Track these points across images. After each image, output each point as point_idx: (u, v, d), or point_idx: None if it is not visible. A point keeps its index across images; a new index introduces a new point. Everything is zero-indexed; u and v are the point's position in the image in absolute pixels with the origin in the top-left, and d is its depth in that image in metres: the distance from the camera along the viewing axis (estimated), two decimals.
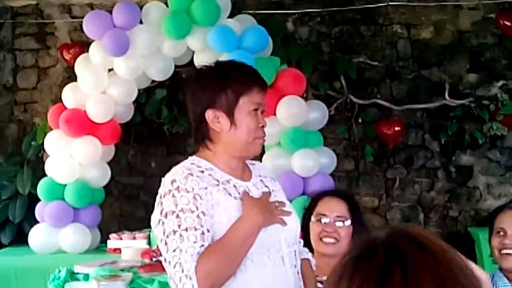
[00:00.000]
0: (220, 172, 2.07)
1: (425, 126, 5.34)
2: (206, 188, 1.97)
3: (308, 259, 2.26)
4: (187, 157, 2.12)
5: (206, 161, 2.08)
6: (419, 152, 5.36)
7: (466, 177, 5.33)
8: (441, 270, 0.88)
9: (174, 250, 1.89)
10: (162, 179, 2.02)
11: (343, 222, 2.60)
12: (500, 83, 5.06)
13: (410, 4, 5.30)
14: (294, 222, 2.14)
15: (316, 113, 4.71)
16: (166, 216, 1.93)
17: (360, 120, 5.27)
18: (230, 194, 2.02)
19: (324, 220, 2.60)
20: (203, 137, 2.10)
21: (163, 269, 3.59)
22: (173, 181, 1.96)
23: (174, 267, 1.89)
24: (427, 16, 5.36)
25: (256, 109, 2.07)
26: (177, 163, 2.07)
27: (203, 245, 1.89)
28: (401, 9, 5.34)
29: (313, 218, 2.63)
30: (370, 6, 5.26)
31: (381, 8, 5.29)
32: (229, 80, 2.06)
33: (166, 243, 1.92)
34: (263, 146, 2.23)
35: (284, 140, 4.50)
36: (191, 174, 1.98)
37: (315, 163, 4.51)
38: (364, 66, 5.30)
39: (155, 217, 1.98)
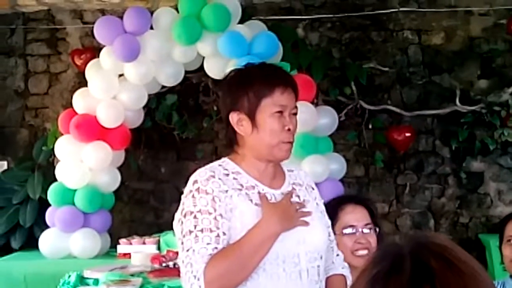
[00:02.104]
0: (247, 177, 2.05)
1: (436, 132, 5.33)
2: (226, 191, 1.97)
3: (343, 275, 2.17)
4: (216, 159, 2.12)
5: (235, 164, 2.07)
6: (429, 158, 5.34)
7: (476, 184, 5.30)
8: (469, 287, 0.88)
9: (187, 250, 1.90)
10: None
11: (371, 230, 2.47)
12: (511, 89, 5.04)
13: (421, 10, 5.30)
14: (318, 237, 2.05)
15: (326, 119, 4.71)
16: (185, 216, 1.96)
17: (370, 126, 5.26)
18: (251, 200, 1.99)
19: (354, 231, 2.44)
20: (231, 141, 2.09)
21: (173, 274, 3.60)
22: (195, 182, 1.99)
23: (186, 267, 1.90)
24: (438, 22, 5.35)
25: (280, 111, 2.02)
26: (187, 168, 2.08)
27: (216, 248, 1.89)
28: (411, 15, 5.34)
29: (339, 231, 2.43)
30: (381, 12, 5.26)
31: (391, 14, 5.29)
32: (251, 82, 2.03)
33: (182, 243, 1.94)
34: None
35: (294, 146, 4.49)
36: (213, 176, 1.98)
37: (325, 169, 4.51)
38: (375, 72, 5.29)
39: (177, 215, 2.00)
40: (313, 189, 2.19)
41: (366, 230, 2.46)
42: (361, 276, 0.93)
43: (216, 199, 1.94)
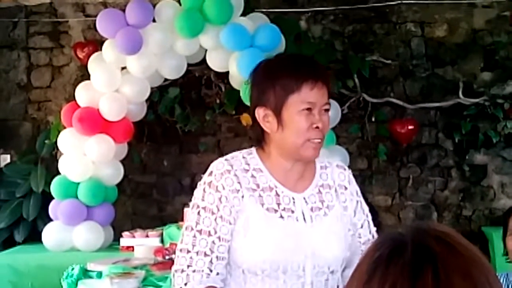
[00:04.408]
0: (267, 176, 1.95)
1: (439, 125, 5.32)
2: (238, 190, 1.91)
3: None
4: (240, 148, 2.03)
5: (260, 159, 1.97)
6: (432, 151, 5.33)
7: (480, 176, 5.30)
8: (470, 269, 0.88)
9: (185, 251, 1.91)
10: None
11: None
12: None
13: (424, 2, 5.28)
14: (331, 252, 1.94)
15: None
16: (192, 207, 1.95)
17: (373, 119, 5.25)
18: (262, 204, 1.91)
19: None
20: (258, 138, 1.99)
21: None
22: (210, 173, 1.95)
23: (177, 271, 1.92)
24: (441, 14, 5.33)
25: (308, 109, 1.90)
26: (190, 161, 2.06)
27: (211, 260, 1.89)
28: (414, 7, 5.32)
29: None
30: (384, 4, 5.24)
31: (394, 6, 5.28)
32: (278, 76, 1.91)
33: (182, 234, 1.95)
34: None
35: None
36: (229, 171, 1.92)
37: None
38: (377, 65, 5.28)
39: (192, 199, 1.99)
40: (346, 188, 2.04)
41: None
42: (363, 260, 0.93)
43: (223, 199, 1.90)
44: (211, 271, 1.89)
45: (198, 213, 1.92)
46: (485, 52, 5.26)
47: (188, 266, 1.90)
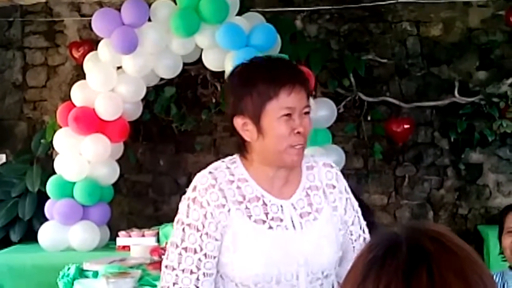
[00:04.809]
0: (253, 186, 1.90)
1: (435, 124, 5.32)
2: (224, 205, 1.86)
3: None
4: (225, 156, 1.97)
5: (244, 169, 1.92)
6: (428, 150, 5.34)
7: (475, 175, 5.31)
8: (464, 268, 0.88)
9: (171, 268, 1.88)
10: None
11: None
12: (510, 80, 5.03)
13: (419, 1, 5.28)
14: (325, 257, 1.91)
15: (325, 111, 4.70)
16: (177, 222, 1.92)
17: (369, 118, 5.25)
18: (249, 216, 1.87)
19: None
20: (239, 146, 1.93)
21: None
22: (194, 188, 1.90)
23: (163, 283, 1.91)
24: (436, 13, 5.34)
25: (288, 114, 1.84)
26: (186, 160, 2.04)
27: (198, 278, 1.86)
28: (410, 6, 5.32)
29: None
30: (379, 4, 5.24)
31: (390, 5, 5.28)
32: (255, 83, 1.84)
33: (167, 250, 1.92)
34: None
35: None
36: (214, 186, 1.86)
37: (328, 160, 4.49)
38: (373, 64, 5.29)
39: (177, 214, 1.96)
40: (334, 187, 1.99)
41: None
42: (357, 261, 0.93)
43: (208, 216, 1.85)
44: (197, 287, 1.87)
45: (183, 229, 1.88)
46: (480, 51, 5.27)
47: (174, 284, 1.87)
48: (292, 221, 1.91)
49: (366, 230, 2.08)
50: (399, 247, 0.90)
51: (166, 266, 1.90)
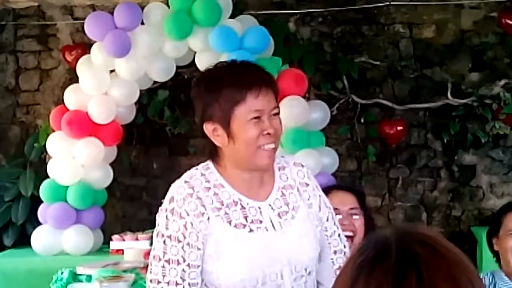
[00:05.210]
0: (230, 191, 1.90)
1: (428, 126, 5.33)
2: (203, 213, 1.85)
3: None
4: (202, 161, 1.97)
5: (218, 174, 1.92)
6: (421, 152, 5.35)
7: (469, 177, 5.32)
8: (453, 271, 0.89)
9: (156, 282, 1.87)
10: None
11: (357, 214, 2.55)
12: (503, 82, 5.05)
13: (412, 3, 5.30)
14: (306, 254, 1.93)
15: (318, 113, 4.71)
16: (157, 235, 1.91)
17: (362, 120, 5.26)
18: (229, 222, 1.87)
19: (339, 214, 2.44)
20: (211, 152, 1.95)
21: None
22: (171, 199, 1.89)
23: None
24: (429, 15, 5.35)
25: (257, 117, 1.85)
26: (179, 164, 2.04)
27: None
28: (402, 8, 5.34)
29: None
30: (372, 6, 5.26)
31: (382, 7, 5.29)
32: (221, 88, 1.85)
33: (150, 263, 1.91)
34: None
35: (286, 140, 4.50)
36: (191, 195, 1.86)
37: (317, 163, 4.51)
38: (366, 66, 5.30)
39: (156, 226, 1.94)
40: (307, 184, 2.01)
41: (354, 216, 2.54)
42: (347, 264, 0.93)
43: (188, 226, 1.84)
44: None
45: (164, 242, 1.87)
46: (473, 53, 5.29)
47: None
48: (272, 222, 1.92)
49: (340, 227, 2.12)
50: (389, 251, 0.90)
51: (150, 280, 1.89)
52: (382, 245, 0.92)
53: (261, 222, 1.91)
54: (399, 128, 5.13)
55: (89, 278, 3.64)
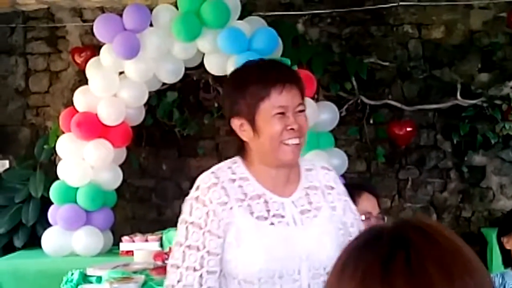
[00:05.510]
0: (254, 184, 1.95)
1: (437, 127, 5.32)
2: (226, 203, 1.90)
3: None
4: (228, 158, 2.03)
5: (245, 168, 1.98)
6: (431, 153, 5.33)
7: (478, 178, 5.30)
8: (448, 260, 0.86)
9: (175, 267, 1.92)
10: None
11: (383, 219, 2.58)
12: None
13: (421, 4, 5.29)
14: (326, 253, 1.92)
15: (327, 115, 4.70)
16: (181, 222, 1.96)
17: (371, 121, 5.25)
18: (251, 213, 1.91)
19: (369, 218, 2.47)
20: (239, 148, 2.00)
21: None
22: (197, 188, 1.95)
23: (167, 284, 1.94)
24: (438, 16, 5.34)
25: (282, 112, 1.91)
26: (189, 165, 2.08)
27: (201, 275, 1.89)
28: (411, 9, 5.33)
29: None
30: (381, 6, 5.25)
31: (391, 8, 5.28)
32: (247, 85, 1.93)
33: (172, 250, 1.98)
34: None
35: None
36: (216, 184, 1.91)
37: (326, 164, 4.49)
38: (375, 67, 5.29)
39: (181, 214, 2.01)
40: (332, 188, 2.04)
41: (380, 220, 2.56)
42: (341, 252, 0.93)
43: (211, 213, 1.90)
44: (201, 285, 1.90)
45: (186, 228, 1.92)
46: (482, 53, 5.27)
47: (178, 282, 1.90)
48: (293, 218, 1.95)
49: None
50: (381, 236, 0.89)
51: (171, 265, 1.95)
52: (376, 232, 0.91)
53: (282, 217, 1.94)
54: (408, 129, 5.12)
55: (99, 279, 3.65)
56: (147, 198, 5.48)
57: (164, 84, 4.92)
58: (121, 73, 4.63)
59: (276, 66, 1.99)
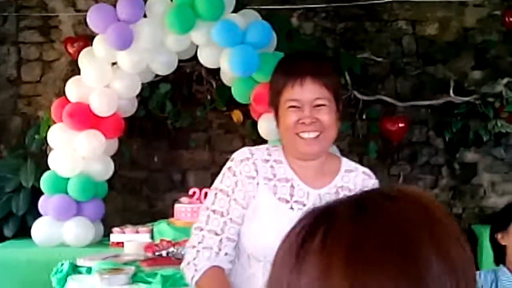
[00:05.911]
0: (286, 168, 2.03)
1: (430, 123, 5.33)
2: (254, 177, 1.99)
3: None
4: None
5: (282, 153, 2.05)
6: (423, 149, 5.35)
7: (470, 175, 5.32)
8: (369, 238, 0.71)
9: (199, 229, 2.01)
10: None
11: None
12: (505, 80, 5.04)
13: (415, 0, 5.29)
14: None
15: None
16: (211, 189, 2.07)
17: (364, 117, 5.26)
18: (275, 193, 2.00)
19: None
20: (279, 136, 2.09)
21: (166, 263, 3.60)
22: (232, 159, 2.05)
23: (187, 248, 2.03)
24: (432, 13, 5.34)
25: (297, 106, 1.95)
26: (180, 157, 2.12)
27: (221, 240, 1.97)
28: (406, 5, 5.33)
29: None
30: (375, 2, 5.25)
31: (386, 4, 5.28)
32: (273, 77, 2.04)
33: (199, 214, 2.07)
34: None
35: None
36: (249, 159, 2.01)
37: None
38: (369, 62, 5.29)
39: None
40: None
41: None
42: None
43: (239, 183, 1.99)
44: (220, 249, 1.98)
45: (215, 194, 2.03)
46: (476, 51, 5.28)
47: (199, 243, 2.00)
48: None
49: None
50: (314, 211, 0.78)
51: (195, 228, 2.04)
52: (321, 208, 0.79)
53: (304, 205, 2.00)
54: (400, 125, 5.13)
55: (89, 270, 3.64)
56: (138, 189, 5.47)
57: (157, 75, 4.90)
58: (113, 64, 4.61)
59: (302, 59, 2.02)
